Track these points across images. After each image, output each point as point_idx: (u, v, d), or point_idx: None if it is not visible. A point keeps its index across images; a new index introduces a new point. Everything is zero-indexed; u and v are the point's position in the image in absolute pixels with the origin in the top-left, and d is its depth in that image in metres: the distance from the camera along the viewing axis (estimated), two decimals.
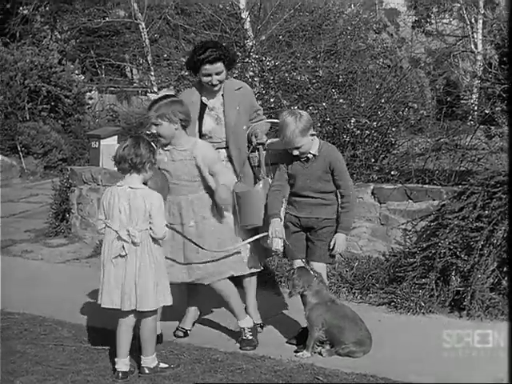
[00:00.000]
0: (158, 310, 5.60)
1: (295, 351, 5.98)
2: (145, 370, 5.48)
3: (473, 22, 28.55)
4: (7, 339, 6.29)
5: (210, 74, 6.22)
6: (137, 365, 5.57)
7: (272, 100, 10.41)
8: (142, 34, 22.58)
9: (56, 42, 23.32)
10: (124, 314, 5.43)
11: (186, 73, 6.54)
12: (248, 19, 15.34)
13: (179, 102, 6.04)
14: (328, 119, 9.77)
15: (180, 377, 5.45)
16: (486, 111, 10.11)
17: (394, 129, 10.11)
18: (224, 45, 6.68)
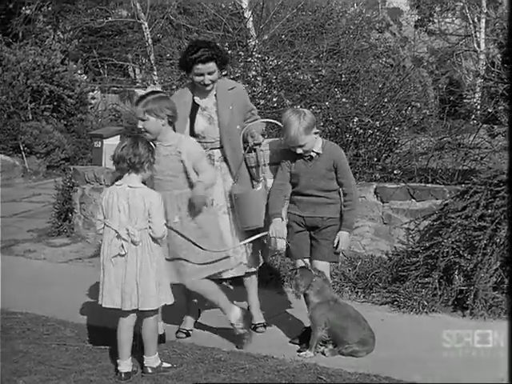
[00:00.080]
0: (159, 310, 5.59)
1: (298, 351, 5.97)
2: (148, 370, 5.49)
3: (475, 21, 28.57)
4: (10, 339, 6.29)
5: (203, 74, 6.21)
6: (139, 364, 5.57)
7: (275, 99, 10.41)
8: (145, 34, 22.59)
9: (59, 41, 23.36)
10: (124, 313, 5.42)
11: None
12: (251, 19, 15.35)
13: (166, 98, 6.04)
14: (331, 118, 9.77)
15: (183, 376, 5.45)
16: (489, 110, 10.09)
17: (396, 128, 10.10)
18: (216, 44, 6.67)
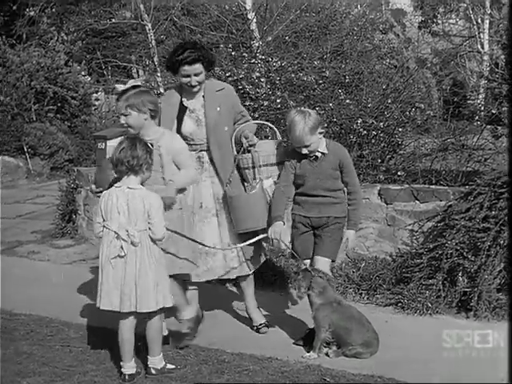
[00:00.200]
0: (162, 310, 5.57)
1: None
2: (151, 371, 5.48)
3: (479, 22, 28.48)
4: (14, 340, 6.30)
5: (189, 75, 6.20)
6: (143, 365, 5.57)
7: (278, 101, 10.40)
8: (149, 35, 22.52)
9: (62, 43, 23.30)
10: (124, 315, 5.41)
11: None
12: (254, 20, 15.35)
13: (148, 92, 6.01)
14: (335, 120, 9.76)
15: (187, 378, 5.45)
16: (493, 111, 10.07)
17: (400, 129, 10.09)
18: (203, 45, 6.65)
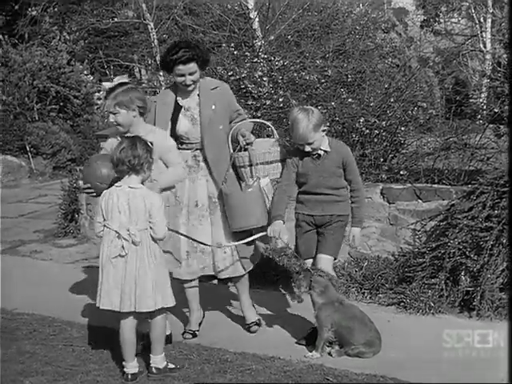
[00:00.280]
0: (164, 310, 5.56)
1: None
2: (153, 370, 5.48)
3: (481, 21, 28.47)
4: (16, 339, 6.31)
5: (184, 75, 6.17)
6: (146, 364, 5.57)
7: (281, 100, 10.41)
8: (151, 35, 22.52)
9: (65, 42, 23.26)
10: (124, 315, 5.40)
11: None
12: (256, 19, 15.36)
13: (135, 89, 5.97)
14: (337, 119, 9.76)
15: (189, 377, 5.45)
16: (495, 110, 10.06)
17: (402, 128, 10.09)
18: (197, 44, 6.62)
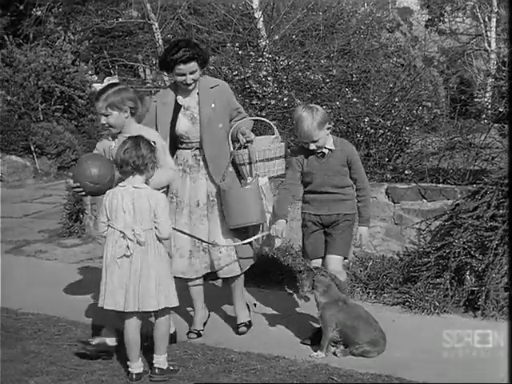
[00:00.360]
0: (169, 310, 5.54)
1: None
2: (156, 371, 5.43)
3: (486, 20, 28.45)
4: (21, 339, 6.31)
5: (184, 74, 6.15)
6: (149, 365, 5.55)
7: (285, 99, 10.41)
8: (156, 35, 22.56)
9: (69, 42, 23.31)
10: (128, 315, 5.39)
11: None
12: (261, 19, 15.36)
13: (126, 90, 5.93)
14: (342, 118, 9.75)
15: (194, 377, 5.45)
16: (500, 109, 10.05)
17: (407, 128, 10.07)
18: (197, 43, 6.60)
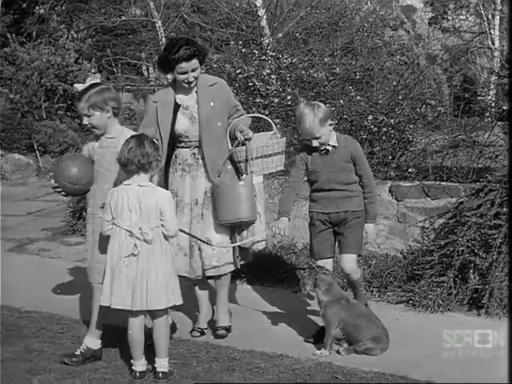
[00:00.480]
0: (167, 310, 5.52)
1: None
2: (159, 375, 5.39)
3: (490, 18, 28.37)
4: (24, 337, 6.32)
5: (186, 72, 6.12)
6: (152, 365, 5.54)
7: (289, 97, 10.39)
8: (159, 33, 22.54)
9: (72, 41, 23.28)
10: (134, 314, 5.38)
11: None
12: (264, 17, 15.33)
13: (108, 89, 5.87)
14: (345, 116, 9.73)
15: (198, 375, 5.44)
16: (504, 107, 10.01)
17: (411, 126, 10.04)
18: (194, 40, 6.58)
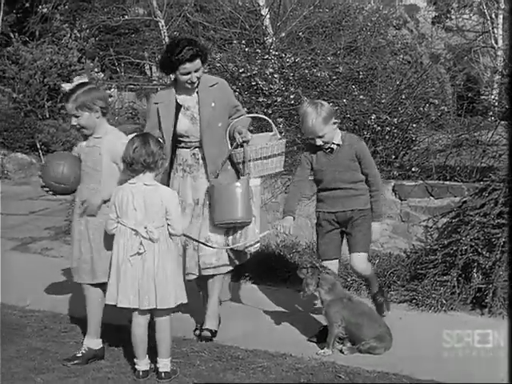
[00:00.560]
0: (171, 310, 5.49)
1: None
2: (162, 376, 5.36)
3: (493, 17, 28.36)
4: (27, 336, 6.31)
5: (190, 72, 6.11)
6: (155, 365, 5.53)
7: (292, 97, 10.40)
8: (162, 32, 22.57)
9: (75, 40, 23.37)
10: (139, 313, 5.36)
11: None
12: (267, 16, 15.36)
13: (96, 89, 5.85)
14: (348, 115, 9.73)
15: (201, 374, 5.44)
16: (507, 106, 10.01)
17: (414, 125, 10.04)
18: (196, 39, 6.57)
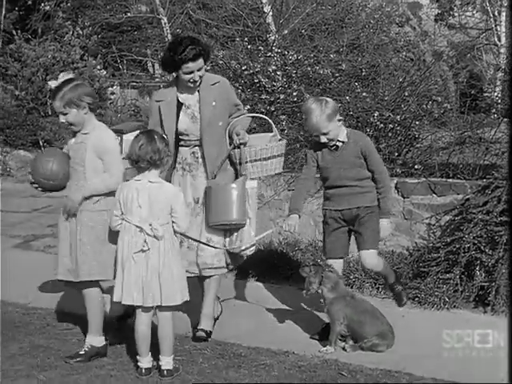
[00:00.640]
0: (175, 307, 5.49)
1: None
2: (165, 373, 5.35)
3: (496, 14, 28.32)
4: (30, 334, 6.32)
5: (192, 72, 6.09)
6: (157, 363, 5.53)
7: (295, 94, 10.40)
8: (164, 29, 22.54)
9: (78, 37, 23.36)
10: (143, 310, 5.36)
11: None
12: (270, 13, 15.35)
13: (83, 85, 5.80)
14: (351, 113, 9.73)
15: (203, 372, 5.44)
16: (510, 104, 10.00)
17: (417, 122, 10.04)
18: (198, 38, 6.57)
